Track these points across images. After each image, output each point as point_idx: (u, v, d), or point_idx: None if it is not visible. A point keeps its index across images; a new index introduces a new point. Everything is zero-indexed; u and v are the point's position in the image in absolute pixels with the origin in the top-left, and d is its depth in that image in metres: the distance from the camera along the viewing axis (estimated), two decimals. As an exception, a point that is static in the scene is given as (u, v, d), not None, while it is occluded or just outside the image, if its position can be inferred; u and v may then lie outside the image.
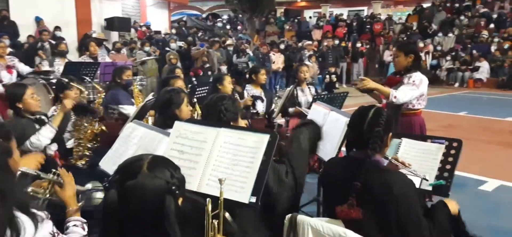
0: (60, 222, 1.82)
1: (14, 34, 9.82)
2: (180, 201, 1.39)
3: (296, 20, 21.49)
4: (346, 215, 1.94)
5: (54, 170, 1.94)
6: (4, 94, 4.22)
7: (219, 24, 18.94)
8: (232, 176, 1.90)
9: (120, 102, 4.57)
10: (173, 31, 14.39)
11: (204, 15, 26.79)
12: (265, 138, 1.95)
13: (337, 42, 14.72)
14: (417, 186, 2.24)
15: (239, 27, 21.34)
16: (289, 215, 2.05)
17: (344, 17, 20.19)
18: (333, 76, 12.71)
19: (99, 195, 2.22)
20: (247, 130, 2.09)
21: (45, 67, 6.24)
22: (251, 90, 5.29)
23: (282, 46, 14.29)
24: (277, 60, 13.14)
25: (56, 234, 1.63)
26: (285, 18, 22.32)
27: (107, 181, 1.42)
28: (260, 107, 5.23)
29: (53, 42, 9.48)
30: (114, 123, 4.42)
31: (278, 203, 2.13)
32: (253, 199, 1.85)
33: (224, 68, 10.77)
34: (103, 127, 3.86)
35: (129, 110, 4.49)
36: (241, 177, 1.91)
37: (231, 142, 2.02)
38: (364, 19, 19.51)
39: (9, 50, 8.16)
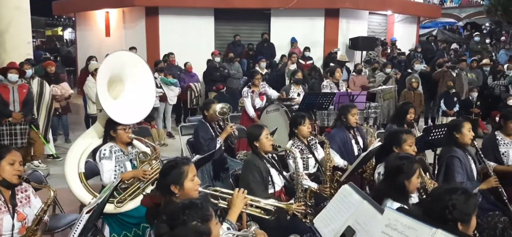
0: None
1: (271, 55, 11.13)
2: None
3: None
4: None
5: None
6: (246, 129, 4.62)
7: (477, 38, 16.15)
8: None
9: (331, 146, 4.19)
10: (419, 48, 13.33)
11: (460, 23, 23.03)
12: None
13: None
14: None
15: (502, 39, 17.99)
16: None
17: None
18: None
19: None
20: (472, 240, 1.74)
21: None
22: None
23: None
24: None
25: None
26: None
27: None
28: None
29: (301, 61, 10.39)
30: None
31: None
32: None
33: (474, 94, 9.26)
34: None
35: (337, 160, 4.20)
36: None
37: (449, 251, 1.74)
38: None
39: (264, 71, 9.45)
